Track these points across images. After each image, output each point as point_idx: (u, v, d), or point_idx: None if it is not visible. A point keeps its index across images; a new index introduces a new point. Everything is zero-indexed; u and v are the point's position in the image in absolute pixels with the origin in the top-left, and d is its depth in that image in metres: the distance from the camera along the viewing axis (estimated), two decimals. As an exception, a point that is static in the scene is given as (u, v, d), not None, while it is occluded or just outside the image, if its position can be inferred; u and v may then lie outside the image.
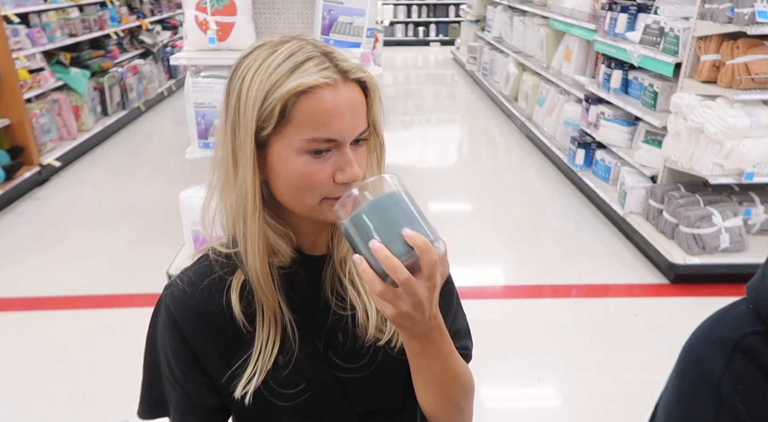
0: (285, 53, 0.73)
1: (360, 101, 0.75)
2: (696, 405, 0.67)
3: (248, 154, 0.73)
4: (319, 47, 0.74)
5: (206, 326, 0.81)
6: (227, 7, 2.76)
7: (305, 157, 0.73)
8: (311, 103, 0.71)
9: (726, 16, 2.94)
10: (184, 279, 0.83)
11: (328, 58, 0.73)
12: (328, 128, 0.71)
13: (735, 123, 2.90)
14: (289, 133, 0.72)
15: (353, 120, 0.73)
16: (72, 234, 3.92)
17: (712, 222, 3.13)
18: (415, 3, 12.51)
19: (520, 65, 6.60)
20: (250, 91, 0.72)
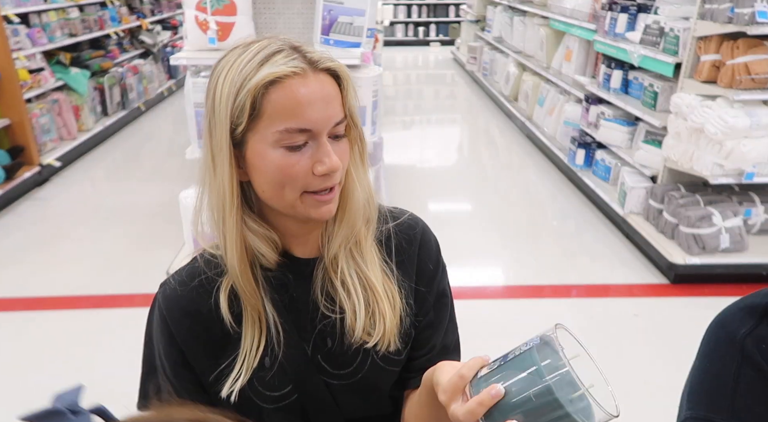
0: (255, 49, 0.73)
1: (333, 91, 0.74)
2: (719, 360, 0.67)
3: (224, 153, 0.74)
4: (288, 42, 0.75)
5: (194, 325, 0.81)
6: (227, 7, 2.76)
7: (281, 151, 0.73)
8: (281, 93, 0.71)
9: (726, 16, 2.94)
10: (177, 279, 0.85)
11: (297, 50, 0.74)
12: (301, 118, 0.72)
13: (735, 123, 2.90)
14: (262, 126, 0.72)
15: (326, 110, 0.73)
16: (72, 234, 3.92)
17: (712, 222, 3.13)
18: (415, 3, 12.51)
19: (520, 65, 6.60)
20: (223, 89, 0.73)
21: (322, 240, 0.85)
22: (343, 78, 0.76)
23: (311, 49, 0.76)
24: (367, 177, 0.84)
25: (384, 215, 0.90)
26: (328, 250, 0.84)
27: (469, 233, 3.90)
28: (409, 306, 0.87)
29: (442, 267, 0.94)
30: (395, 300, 0.84)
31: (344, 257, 0.84)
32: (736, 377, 0.64)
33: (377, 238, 0.88)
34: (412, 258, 0.89)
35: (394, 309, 0.84)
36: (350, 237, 0.84)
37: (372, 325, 0.82)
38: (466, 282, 3.33)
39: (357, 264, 0.84)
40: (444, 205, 4.52)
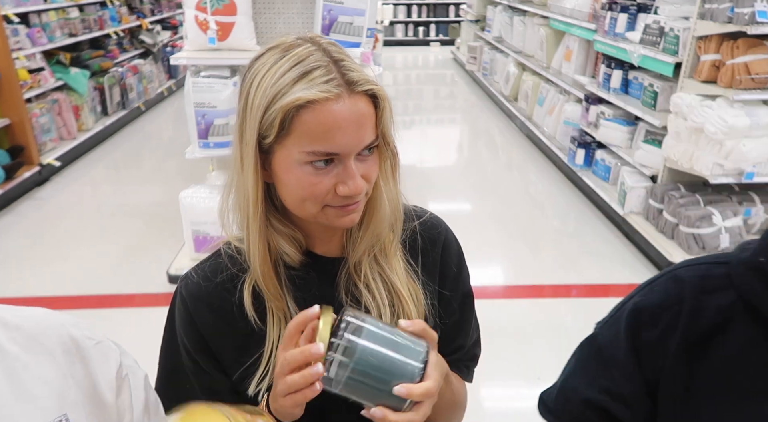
0: (293, 59, 0.71)
1: (367, 113, 0.72)
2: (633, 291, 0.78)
3: (251, 158, 0.74)
4: (330, 54, 0.72)
5: (219, 322, 0.82)
6: (227, 7, 2.76)
7: (307, 168, 0.72)
8: (312, 116, 0.69)
9: (726, 15, 2.94)
10: (199, 273, 0.84)
11: (337, 66, 0.71)
12: (329, 142, 0.70)
13: (735, 123, 2.90)
14: (290, 143, 0.72)
15: (358, 133, 0.71)
16: (72, 234, 3.92)
17: (712, 222, 3.13)
18: (415, 3, 12.51)
19: (520, 65, 6.60)
20: (255, 98, 0.72)
21: (346, 242, 0.85)
22: (380, 99, 0.74)
23: (352, 64, 0.73)
24: (396, 189, 0.84)
25: (409, 212, 0.90)
26: (351, 255, 0.84)
27: (469, 233, 3.88)
28: (434, 307, 0.87)
29: (465, 267, 0.95)
30: (419, 301, 0.85)
31: (368, 262, 0.84)
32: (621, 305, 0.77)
33: (402, 239, 0.88)
34: (436, 261, 0.90)
35: (418, 310, 0.85)
36: (374, 245, 0.84)
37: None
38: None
39: (381, 269, 0.84)
40: (444, 204, 4.52)
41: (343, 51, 0.75)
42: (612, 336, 0.74)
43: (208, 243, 2.99)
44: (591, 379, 0.75)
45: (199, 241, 3.00)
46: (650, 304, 0.71)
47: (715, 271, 0.69)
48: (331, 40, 0.76)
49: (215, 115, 2.77)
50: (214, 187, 3.02)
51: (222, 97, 2.74)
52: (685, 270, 0.72)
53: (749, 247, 0.68)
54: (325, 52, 0.72)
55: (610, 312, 0.78)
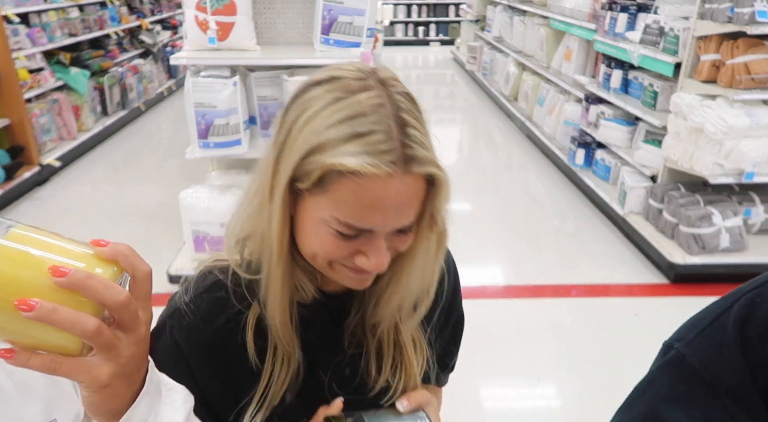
0: (353, 109, 0.60)
1: (416, 194, 0.63)
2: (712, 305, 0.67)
3: (281, 193, 0.65)
4: (397, 111, 0.61)
5: (217, 364, 0.74)
6: (227, 7, 2.76)
7: (332, 231, 0.64)
8: (353, 188, 0.60)
9: (726, 15, 2.94)
10: (196, 312, 0.73)
11: (401, 133, 0.60)
12: (364, 220, 0.62)
13: (735, 123, 2.90)
14: (322, 202, 0.63)
15: (398, 216, 0.63)
16: (72, 234, 3.88)
17: (712, 221, 3.13)
18: (415, 3, 12.51)
19: (520, 65, 6.60)
20: (298, 137, 0.62)
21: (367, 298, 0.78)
22: (438, 184, 0.64)
23: (418, 131, 0.62)
24: (435, 268, 0.76)
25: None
26: (372, 315, 0.77)
27: (468, 233, 3.90)
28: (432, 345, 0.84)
29: (460, 291, 0.93)
30: (422, 348, 0.81)
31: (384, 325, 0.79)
32: (715, 318, 0.64)
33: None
34: (439, 298, 0.85)
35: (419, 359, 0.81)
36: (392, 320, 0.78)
37: (393, 378, 0.80)
38: (466, 282, 3.30)
39: (395, 328, 0.79)
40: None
41: (414, 106, 0.64)
42: (713, 356, 0.61)
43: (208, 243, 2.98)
44: (691, 411, 0.61)
45: (199, 241, 3.00)
46: (764, 313, 0.60)
47: None
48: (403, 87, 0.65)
49: (215, 115, 2.77)
50: (214, 187, 3.01)
51: (222, 97, 2.73)
52: None
53: None
54: (393, 105, 0.61)
55: (694, 327, 0.66)
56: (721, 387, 0.59)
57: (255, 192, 0.70)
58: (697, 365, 0.62)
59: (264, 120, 3.03)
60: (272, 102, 2.98)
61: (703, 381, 0.61)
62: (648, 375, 0.68)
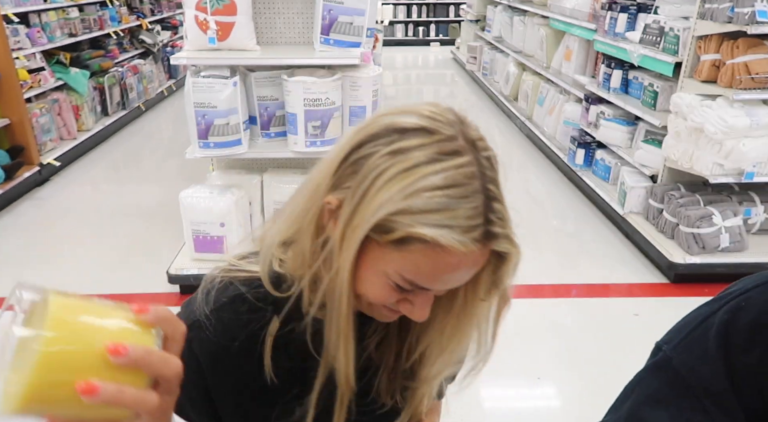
0: (449, 177, 0.59)
1: (482, 264, 0.63)
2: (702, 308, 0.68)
3: (354, 247, 0.62)
4: (485, 183, 0.60)
5: (237, 381, 0.74)
6: (227, 7, 2.76)
7: (390, 283, 0.64)
8: (431, 255, 0.60)
9: (726, 15, 2.94)
10: (216, 327, 0.72)
11: (487, 208, 0.60)
12: (430, 283, 0.63)
13: (735, 123, 2.90)
14: (393, 257, 0.62)
15: (459, 281, 0.64)
16: (72, 234, 3.92)
17: (712, 221, 3.13)
18: (415, 3, 12.51)
19: (520, 65, 6.60)
20: (388, 189, 0.59)
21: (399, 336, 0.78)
22: (507, 258, 0.64)
23: (500, 207, 0.61)
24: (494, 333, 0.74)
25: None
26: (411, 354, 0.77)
27: (469, 233, 3.89)
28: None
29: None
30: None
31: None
32: (701, 322, 0.65)
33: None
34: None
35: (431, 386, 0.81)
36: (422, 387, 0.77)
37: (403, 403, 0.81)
38: (466, 281, 3.32)
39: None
40: (444, 204, 4.50)
41: (496, 173, 0.62)
42: (696, 360, 0.62)
43: (209, 243, 2.98)
44: (674, 413, 0.62)
45: (199, 241, 3.00)
46: (747, 319, 0.60)
47: None
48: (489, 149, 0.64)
49: (215, 115, 2.77)
50: (214, 186, 3.01)
51: (222, 97, 2.73)
52: None
53: None
54: (482, 176, 0.60)
55: (682, 329, 0.67)
56: (704, 391, 0.60)
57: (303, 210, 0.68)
58: (682, 368, 0.63)
59: (264, 120, 3.03)
60: (272, 102, 2.98)
61: (687, 385, 0.61)
62: (636, 377, 0.69)
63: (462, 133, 0.62)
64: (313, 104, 2.76)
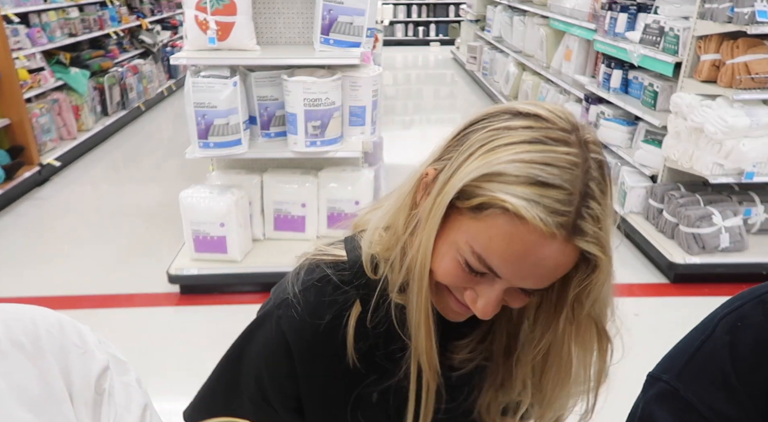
0: (549, 157, 0.57)
1: (563, 266, 0.58)
2: (694, 331, 0.67)
3: (439, 214, 0.61)
4: (587, 179, 0.57)
5: (322, 362, 0.74)
6: (227, 7, 2.76)
7: (459, 258, 0.61)
8: (510, 229, 0.56)
9: (726, 15, 2.94)
10: (304, 305, 0.72)
11: (581, 202, 0.56)
12: (500, 264, 0.59)
13: (735, 123, 2.90)
14: (468, 226, 0.59)
15: (533, 276, 0.59)
16: (72, 234, 3.92)
17: (712, 221, 3.13)
18: (415, 3, 12.51)
19: (520, 65, 6.60)
20: (478, 156, 0.59)
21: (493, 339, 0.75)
22: (595, 266, 0.59)
23: (599, 207, 0.57)
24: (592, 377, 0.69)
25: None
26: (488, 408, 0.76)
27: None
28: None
29: None
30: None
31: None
32: (698, 347, 0.64)
33: None
34: None
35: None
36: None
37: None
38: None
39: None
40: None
41: (603, 179, 0.59)
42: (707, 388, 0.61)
43: (209, 243, 2.98)
44: None
45: (199, 241, 3.00)
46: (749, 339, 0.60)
47: None
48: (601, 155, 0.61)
49: (215, 115, 2.77)
50: (214, 186, 3.01)
51: (222, 97, 2.73)
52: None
53: None
54: (585, 171, 0.57)
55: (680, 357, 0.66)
56: (719, 419, 0.59)
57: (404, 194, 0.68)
58: (693, 398, 0.61)
59: (264, 120, 3.03)
60: (272, 102, 2.98)
61: (701, 415, 0.60)
62: (641, 411, 0.67)
63: (576, 131, 0.60)
64: (313, 104, 2.76)
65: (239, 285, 3.12)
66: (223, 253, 3.01)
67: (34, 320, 0.63)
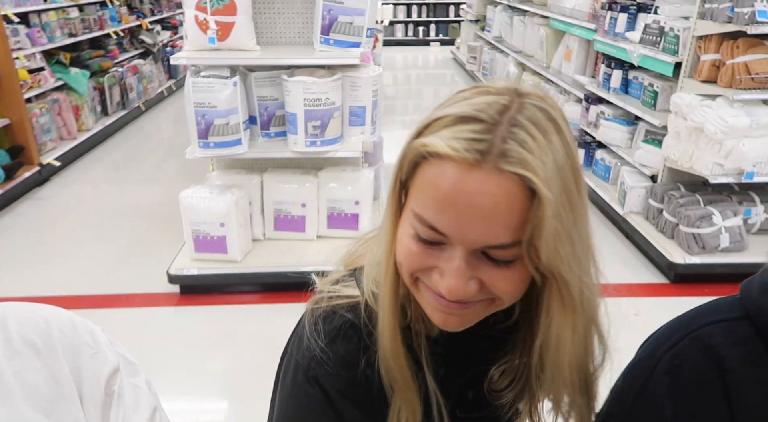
0: (475, 105, 0.55)
1: (509, 204, 0.52)
2: (634, 370, 0.66)
3: (396, 193, 0.60)
4: (520, 115, 0.54)
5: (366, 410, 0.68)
6: (227, 7, 2.76)
7: (411, 232, 0.58)
8: (431, 173, 0.55)
9: (726, 15, 2.94)
10: (335, 360, 0.66)
11: (506, 131, 0.52)
12: (437, 216, 0.55)
13: (735, 122, 2.90)
14: (411, 194, 0.58)
15: (478, 223, 0.53)
16: (72, 234, 3.92)
17: (712, 221, 3.13)
18: (415, 3, 12.51)
19: (520, 65, 6.60)
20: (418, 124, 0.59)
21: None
22: (538, 194, 0.52)
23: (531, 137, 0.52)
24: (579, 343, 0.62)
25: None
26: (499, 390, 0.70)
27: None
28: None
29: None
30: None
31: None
32: (640, 389, 0.63)
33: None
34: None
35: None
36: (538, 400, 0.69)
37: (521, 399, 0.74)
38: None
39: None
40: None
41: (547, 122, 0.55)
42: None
43: (209, 243, 2.99)
44: None
45: (199, 241, 3.00)
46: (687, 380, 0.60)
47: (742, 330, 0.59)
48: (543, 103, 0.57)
49: (215, 115, 2.77)
50: (214, 186, 3.01)
51: (222, 97, 2.73)
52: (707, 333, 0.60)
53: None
54: (518, 111, 0.54)
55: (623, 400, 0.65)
56: None
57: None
58: None
59: (264, 120, 3.03)
60: (272, 102, 2.98)
61: None
62: None
63: (514, 89, 0.57)
64: (313, 104, 2.77)
65: (239, 285, 3.13)
66: (223, 253, 3.01)
67: (47, 319, 0.63)
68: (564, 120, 0.58)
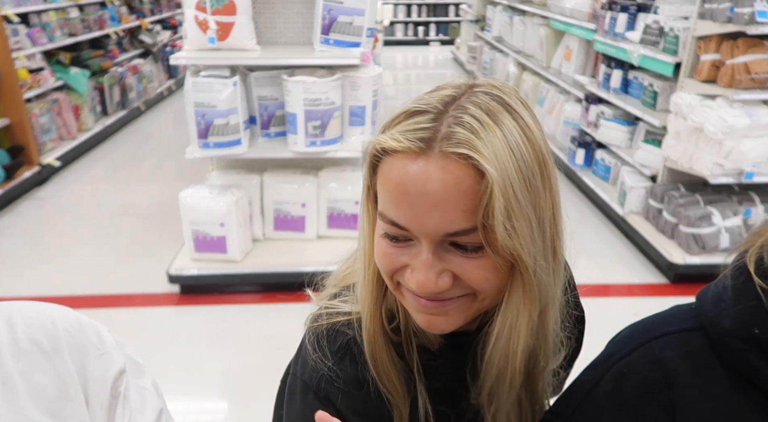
0: (421, 99, 0.57)
1: (460, 188, 0.52)
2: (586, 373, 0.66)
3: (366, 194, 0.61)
4: (467, 103, 0.55)
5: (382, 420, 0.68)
6: (227, 7, 2.76)
7: (381, 233, 0.59)
8: (386, 169, 0.56)
9: (726, 15, 2.94)
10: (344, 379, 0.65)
11: (455, 117, 0.53)
12: (395, 210, 0.55)
13: (735, 123, 2.90)
14: (378, 195, 0.59)
15: (432, 211, 0.53)
16: (72, 234, 3.92)
17: (712, 221, 3.13)
18: (415, 3, 12.51)
19: (520, 65, 6.60)
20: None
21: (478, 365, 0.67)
22: (487, 175, 0.51)
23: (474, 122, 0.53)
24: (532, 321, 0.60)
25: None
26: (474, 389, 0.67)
27: (469, 233, 3.89)
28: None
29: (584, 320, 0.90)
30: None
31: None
32: (586, 394, 0.63)
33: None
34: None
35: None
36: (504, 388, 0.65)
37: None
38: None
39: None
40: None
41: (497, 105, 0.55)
42: None
43: (209, 243, 2.99)
44: None
45: (198, 241, 3.00)
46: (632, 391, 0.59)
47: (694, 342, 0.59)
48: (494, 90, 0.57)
49: (215, 115, 2.77)
50: (213, 186, 3.02)
51: (222, 97, 2.73)
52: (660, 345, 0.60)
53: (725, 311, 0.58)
54: (465, 99, 0.55)
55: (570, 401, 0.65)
56: None
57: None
58: None
59: (264, 120, 3.03)
60: (272, 102, 2.98)
61: None
62: None
63: (472, 84, 0.58)
64: (313, 104, 2.77)
65: (239, 285, 3.13)
66: (223, 253, 3.01)
67: (54, 319, 0.63)
68: (523, 104, 0.58)
